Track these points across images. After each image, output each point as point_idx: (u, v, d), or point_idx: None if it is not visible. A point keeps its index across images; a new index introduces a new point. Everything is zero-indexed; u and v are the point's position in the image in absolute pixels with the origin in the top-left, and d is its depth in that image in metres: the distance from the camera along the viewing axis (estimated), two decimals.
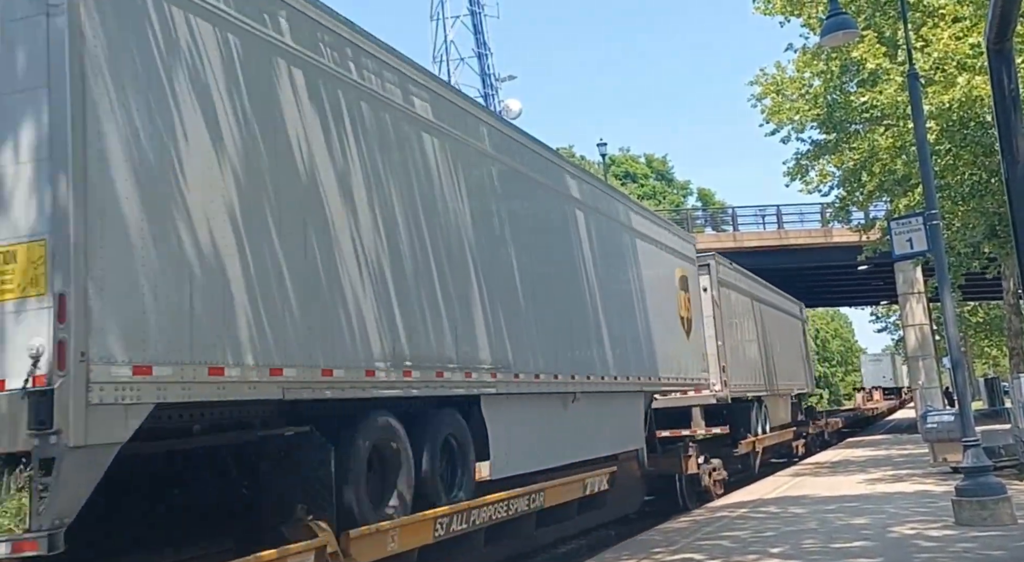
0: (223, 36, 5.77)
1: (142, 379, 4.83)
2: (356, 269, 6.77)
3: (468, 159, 8.83)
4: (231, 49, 5.83)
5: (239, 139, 5.80)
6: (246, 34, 5.96)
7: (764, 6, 18.34)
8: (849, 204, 20.35)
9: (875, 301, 52.78)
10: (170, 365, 5.04)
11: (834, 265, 32.68)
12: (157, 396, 4.94)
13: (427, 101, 8.24)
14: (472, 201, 8.75)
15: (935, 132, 14.87)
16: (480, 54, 61.28)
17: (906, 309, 30.70)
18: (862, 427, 40.00)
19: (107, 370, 4.64)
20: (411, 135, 7.89)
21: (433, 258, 7.87)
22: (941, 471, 15.22)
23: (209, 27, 5.64)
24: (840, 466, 19.74)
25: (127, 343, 4.77)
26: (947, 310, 10.87)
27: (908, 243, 10.99)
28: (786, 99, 18.77)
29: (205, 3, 5.63)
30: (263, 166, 5.97)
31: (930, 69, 14.77)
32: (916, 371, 30.06)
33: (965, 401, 10.67)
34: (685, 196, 62.65)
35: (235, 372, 5.44)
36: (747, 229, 34.73)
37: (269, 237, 5.93)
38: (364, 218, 6.96)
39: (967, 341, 52.21)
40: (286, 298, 5.96)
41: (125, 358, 4.75)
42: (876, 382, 66.79)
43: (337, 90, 6.90)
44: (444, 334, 7.81)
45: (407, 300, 7.32)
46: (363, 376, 6.65)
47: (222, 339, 5.41)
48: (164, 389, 4.99)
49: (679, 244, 16.27)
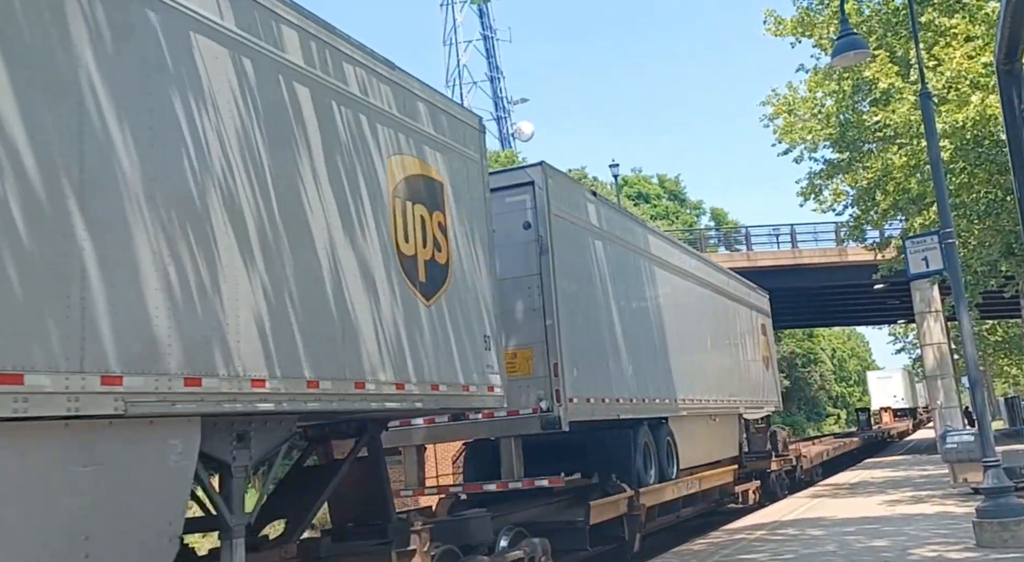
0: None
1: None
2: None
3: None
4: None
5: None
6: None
7: (775, 28, 18.43)
8: (863, 223, 20.30)
9: (892, 320, 52.36)
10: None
11: (849, 284, 32.52)
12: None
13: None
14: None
15: (949, 151, 14.85)
16: (492, 78, 61.59)
17: (923, 328, 30.48)
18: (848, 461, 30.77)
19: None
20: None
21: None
22: (962, 492, 15.05)
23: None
24: (859, 487, 19.54)
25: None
26: (965, 329, 10.80)
27: (924, 262, 10.96)
28: (798, 119, 18.80)
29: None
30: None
31: (943, 88, 14.78)
32: (935, 390, 29.79)
33: (985, 421, 10.59)
34: (698, 216, 62.62)
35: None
36: (761, 248, 34.67)
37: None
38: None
39: (986, 360, 51.64)
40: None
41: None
42: (886, 402, 62.21)
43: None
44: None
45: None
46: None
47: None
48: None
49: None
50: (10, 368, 4.10)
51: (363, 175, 7.02)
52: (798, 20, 18.21)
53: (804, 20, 18.16)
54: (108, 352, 4.58)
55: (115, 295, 4.67)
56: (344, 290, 6.55)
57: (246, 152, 5.82)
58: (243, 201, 5.71)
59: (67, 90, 4.63)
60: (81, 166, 4.63)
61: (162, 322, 4.94)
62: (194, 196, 5.33)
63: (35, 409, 4.18)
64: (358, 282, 6.73)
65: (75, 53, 4.69)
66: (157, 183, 5.08)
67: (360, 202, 6.92)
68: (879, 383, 64.64)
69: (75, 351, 4.40)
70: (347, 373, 6.40)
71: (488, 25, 59.96)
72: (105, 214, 4.72)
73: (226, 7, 5.82)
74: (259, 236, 5.78)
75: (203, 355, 5.16)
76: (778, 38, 18.49)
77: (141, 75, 5.10)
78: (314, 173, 6.43)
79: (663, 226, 50.69)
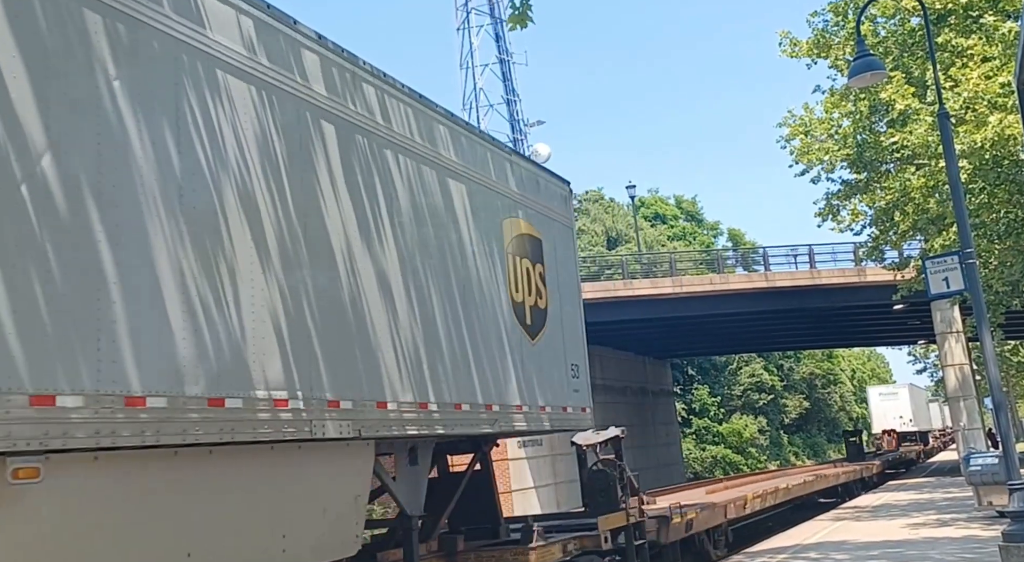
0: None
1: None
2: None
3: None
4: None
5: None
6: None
7: (791, 49, 18.50)
8: (882, 243, 20.21)
9: (912, 341, 51.37)
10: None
11: (869, 304, 32.22)
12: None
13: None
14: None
15: (968, 171, 14.79)
16: (509, 100, 62.12)
17: (945, 349, 30.16)
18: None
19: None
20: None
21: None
22: (987, 515, 14.84)
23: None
24: (882, 510, 19.29)
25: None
26: (987, 350, 10.71)
27: (944, 282, 10.89)
28: (815, 140, 18.81)
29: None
30: None
31: (960, 108, 14.76)
32: (958, 412, 29.43)
33: (1009, 443, 10.46)
34: (715, 236, 62.54)
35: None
36: (779, 269, 34.40)
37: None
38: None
39: (1009, 381, 50.99)
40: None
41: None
42: (889, 424, 50.98)
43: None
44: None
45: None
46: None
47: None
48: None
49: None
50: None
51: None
52: (814, 42, 18.29)
53: (820, 42, 18.24)
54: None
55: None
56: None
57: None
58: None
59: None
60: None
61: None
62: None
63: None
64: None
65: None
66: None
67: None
68: (882, 402, 52.95)
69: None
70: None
71: (504, 49, 60.52)
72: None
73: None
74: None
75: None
76: (794, 59, 18.58)
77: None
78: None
79: (680, 247, 50.70)
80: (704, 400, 53.41)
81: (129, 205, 4.87)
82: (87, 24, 4.79)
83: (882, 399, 52.96)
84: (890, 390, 55.57)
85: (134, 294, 4.78)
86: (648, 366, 43.54)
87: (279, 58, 6.23)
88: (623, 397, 38.90)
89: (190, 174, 5.31)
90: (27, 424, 4.14)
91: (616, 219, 52.26)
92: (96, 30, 4.82)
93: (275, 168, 6.01)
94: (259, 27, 6.06)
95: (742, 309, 33.16)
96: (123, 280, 4.73)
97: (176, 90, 5.30)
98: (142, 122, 5.02)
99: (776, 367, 61.94)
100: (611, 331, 33.82)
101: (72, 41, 4.69)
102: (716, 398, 54.67)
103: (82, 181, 4.62)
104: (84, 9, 4.78)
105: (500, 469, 29.42)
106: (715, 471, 48.38)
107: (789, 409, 64.10)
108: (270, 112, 6.05)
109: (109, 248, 4.68)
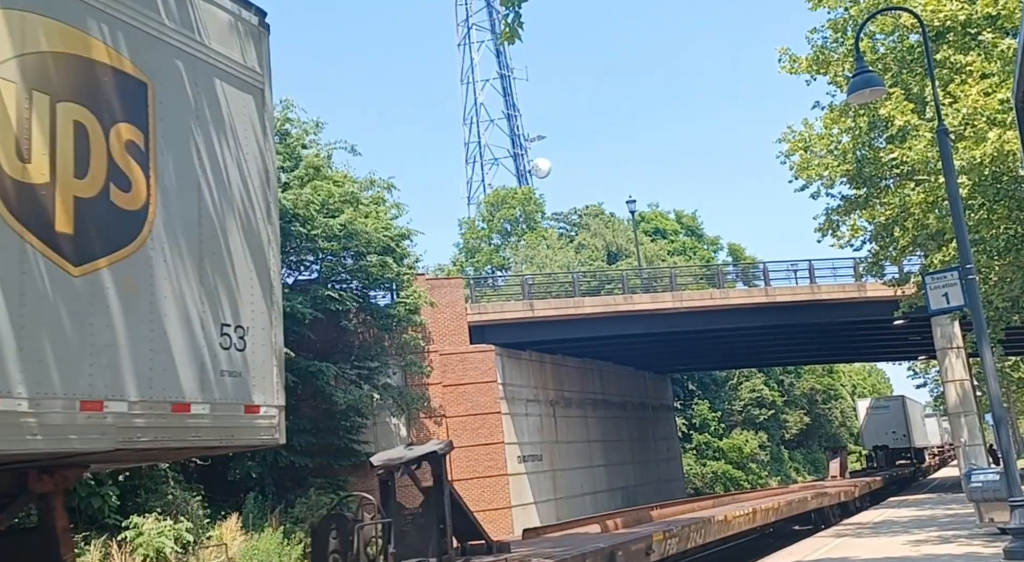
0: None
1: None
2: None
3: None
4: None
5: None
6: None
7: (790, 66, 18.57)
8: (882, 259, 20.21)
9: (912, 356, 51.17)
10: None
11: (869, 320, 32.22)
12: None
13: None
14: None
15: (967, 187, 14.82)
16: (509, 115, 62.24)
17: (945, 364, 30.12)
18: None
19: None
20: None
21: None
22: (988, 532, 14.76)
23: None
24: (883, 527, 19.20)
25: None
26: (987, 365, 10.71)
27: (944, 298, 10.92)
28: (814, 155, 18.84)
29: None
30: None
31: (959, 125, 14.80)
32: (959, 428, 29.36)
33: (1010, 459, 10.43)
34: (715, 251, 62.55)
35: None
36: (779, 284, 34.37)
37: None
38: None
39: (1010, 397, 50.82)
40: None
41: None
42: (879, 440, 46.83)
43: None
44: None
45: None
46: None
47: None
48: None
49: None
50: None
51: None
52: (813, 58, 18.35)
53: (819, 58, 18.30)
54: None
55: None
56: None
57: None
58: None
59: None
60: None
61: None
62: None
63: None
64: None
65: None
66: None
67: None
68: (873, 415, 47.99)
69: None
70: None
71: (505, 64, 60.76)
72: None
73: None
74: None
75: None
76: (793, 75, 18.64)
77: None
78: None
79: (680, 262, 50.69)
80: (704, 415, 53.28)
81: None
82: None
83: (874, 414, 48.29)
84: (881, 404, 50.36)
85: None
86: (648, 381, 43.47)
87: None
88: (623, 412, 38.82)
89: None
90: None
91: (616, 234, 52.35)
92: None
93: None
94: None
95: (742, 324, 33.17)
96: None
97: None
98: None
99: (777, 382, 61.80)
100: (611, 346, 33.78)
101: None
102: (716, 413, 54.53)
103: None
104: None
105: (499, 485, 29.13)
106: (716, 487, 48.19)
107: (790, 424, 63.92)
108: None
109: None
